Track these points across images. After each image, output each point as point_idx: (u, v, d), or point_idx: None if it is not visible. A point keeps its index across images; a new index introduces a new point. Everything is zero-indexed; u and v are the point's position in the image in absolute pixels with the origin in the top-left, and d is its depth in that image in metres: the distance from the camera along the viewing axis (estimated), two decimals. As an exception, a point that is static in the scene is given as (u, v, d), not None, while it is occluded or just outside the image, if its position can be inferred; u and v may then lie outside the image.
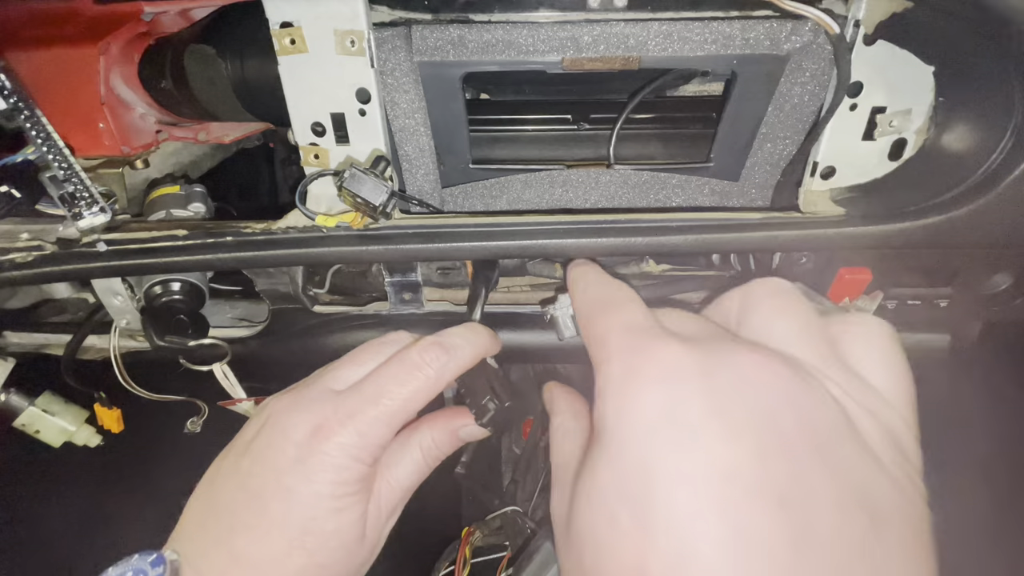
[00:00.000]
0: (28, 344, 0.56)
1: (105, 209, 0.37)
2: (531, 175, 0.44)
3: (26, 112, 0.34)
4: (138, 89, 0.45)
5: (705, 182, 0.43)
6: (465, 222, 0.39)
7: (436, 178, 0.42)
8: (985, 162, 0.34)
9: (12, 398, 0.56)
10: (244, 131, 0.57)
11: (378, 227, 0.38)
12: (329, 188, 0.39)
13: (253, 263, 0.39)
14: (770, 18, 0.35)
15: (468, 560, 0.63)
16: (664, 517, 0.19)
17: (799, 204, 0.40)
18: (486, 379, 0.34)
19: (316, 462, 0.30)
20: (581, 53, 0.36)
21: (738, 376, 0.22)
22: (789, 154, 0.41)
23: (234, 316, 0.55)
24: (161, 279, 0.47)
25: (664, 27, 0.35)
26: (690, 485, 0.19)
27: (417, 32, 0.36)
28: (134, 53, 0.44)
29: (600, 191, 0.44)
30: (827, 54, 0.36)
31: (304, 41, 0.34)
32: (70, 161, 0.36)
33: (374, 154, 0.38)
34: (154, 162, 0.53)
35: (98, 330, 0.53)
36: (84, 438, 0.59)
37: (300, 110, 0.37)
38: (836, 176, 0.39)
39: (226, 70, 0.41)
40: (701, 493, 0.19)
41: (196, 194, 0.50)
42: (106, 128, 0.44)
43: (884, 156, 0.39)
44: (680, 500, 0.19)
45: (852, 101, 0.37)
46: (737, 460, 0.20)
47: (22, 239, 0.41)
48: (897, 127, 0.38)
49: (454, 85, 0.38)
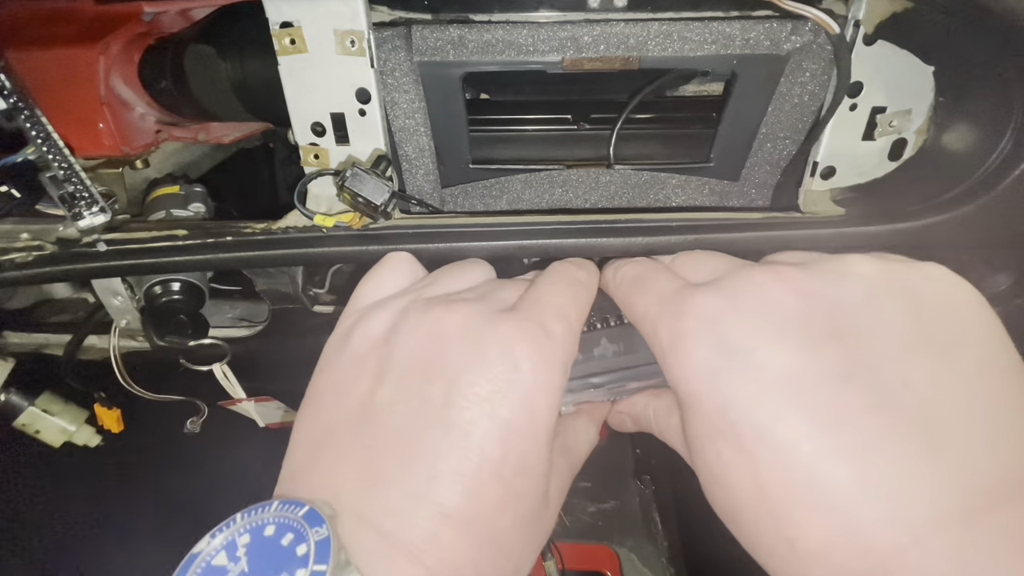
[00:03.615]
0: (28, 344, 0.56)
1: (105, 209, 0.37)
2: (531, 175, 0.44)
3: (26, 112, 0.34)
4: (138, 89, 0.45)
5: (705, 182, 0.43)
6: (465, 222, 0.39)
7: (436, 178, 0.42)
8: (985, 162, 0.34)
9: (12, 398, 0.56)
10: (244, 131, 0.57)
11: (378, 227, 0.38)
12: (328, 188, 0.39)
13: (253, 263, 0.39)
14: (770, 18, 0.35)
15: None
16: (755, 436, 0.21)
17: (799, 204, 0.40)
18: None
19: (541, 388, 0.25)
20: (581, 53, 0.36)
21: (758, 293, 0.24)
22: (789, 154, 0.41)
23: (234, 316, 0.55)
24: (161, 279, 0.47)
25: (664, 27, 0.35)
26: (763, 399, 0.22)
27: (417, 32, 0.36)
28: (134, 53, 0.44)
29: (600, 191, 0.44)
30: (827, 54, 0.36)
31: (304, 41, 0.34)
32: (70, 161, 0.36)
33: (375, 154, 0.38)
34: (154, 162, 0.53)
35: (98, 330, 0.53)
36: (84, 438, 0.59)
37: (300, 110, 0.37)
38: (836, 176, 0.39)
39: (226, 70, 0.41)
40: (775, 401, 0.21)
41: (196, 194, 0.50)
42: (106, 128, 0.44)
43: (884, 156, 0.39)
44: (761, 416, 0.21)
45: (852, 101, 0.37)
46: (791, 360, 0.22)
47: (22, 239, 0.41)
48: (897, 127, 0.38)
49: (454, 85, 0.38)
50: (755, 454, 0.21)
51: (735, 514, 0.23)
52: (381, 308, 0.28)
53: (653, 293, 0.27)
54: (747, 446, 0.22)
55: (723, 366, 0.23)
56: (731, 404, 0.22)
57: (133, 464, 0.88)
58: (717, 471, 0.23)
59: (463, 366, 0.24)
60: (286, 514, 0.21)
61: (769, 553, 0.22)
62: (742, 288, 0.25)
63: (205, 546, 0.21)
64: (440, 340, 0.25)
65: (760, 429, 0.21)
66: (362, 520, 0.21)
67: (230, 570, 0.20)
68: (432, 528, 0.21)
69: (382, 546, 0.21)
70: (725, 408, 0.22)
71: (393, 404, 0.24)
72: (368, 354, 0.26)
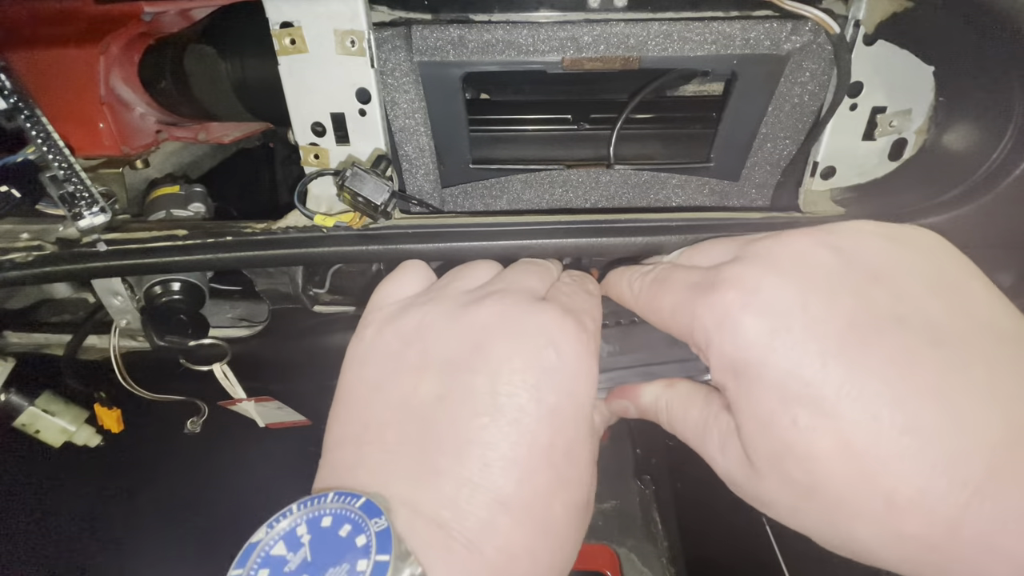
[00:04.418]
0: (28, 344, 0.56)
1: (105, 209, 0.37)
2: (531, 175, 0.44)
3: (26, 112, 0.34)
4: (138, 89, 0.45)
5: (705, 182, 0.43)
6: (465, 222, 0.39)
7: (436, 178, 0.42)
8: (985, 162, 0.35)
9: (12, 398, 0.56)
10: (244, 131, 0.57)
11: (378, 227, 0.38)
12: (329, 188, 0.39)
13: (253, 263, 0.39)
14: (770, 18, 0.35)
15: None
16: (835, 392, 0.21)
17: (799, 204, 0.40)
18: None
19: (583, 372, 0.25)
20: (581, 53, 0.36)
21: (795, 254, 0.24)
22: (789, 154, 0.41)
23: (234, 316, 0.55)
24: (161, 279, 0.47)
25: (664, 27, 0.35)
26: (833, 353, 0.21)
27: (417, 32, 0.36)
28: (134, 53, 0.44)
29: (600, 191, 0.44)
30: (827, 54, 0.36)
31: (304, 41, 0.34)
32: (70, 161, 0.36)
33: (375, 154, 0.38)
34: (154, 162, 0.53)
35: (98, 330, 0.53)
36: (84, 438, 0.59)
37: (300, 110, 0.37)
38: (836, 176, 0.39)
39: (226, 70, 0.41)
40: (846, 352, 0.21)
41: (196, 194, 0.50)
42: (106, 128, 0.44)
43: (884, 156, 0.39)
44: (836, 371, 0.21)
45: (852, 101, 0.37)
46: (847, 308, 0.22)
47: (22, 239, 0.41)
48: (897, 127, 0.38)
49: (454, 85, 0.38)
50: (838, 411, 0.21)
51: (815, 486, 0.21)
52: (410, 306, 0.28)
53: (679, 285, 0.26)
54: (828, 406, 0.21)
55: (781, 328, 0.22)
56: (801, 365, 0.21)
57: (133, 464, 0.88)
58: (793, 441, 0.22)
59: (506, 354, 0.24)
60: (343, 505, 0.20)
61: (858, 516, 0.21)
62: (772, 252, 0.24)
63: (263, 536, 0.20)
64: (480, 330, 0.25)
65: (839, 384, 0.21)
66: (417, 512, 0.21)
67: (290, 560, 0.20)
68: (489, 516, 0.21)
69: (440, 536, 0.21)
70: (795, 371, 0.21)
71: (440, 398, 0.24)
72: (404, 350, 0.26)
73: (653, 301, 0.28)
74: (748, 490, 0.24)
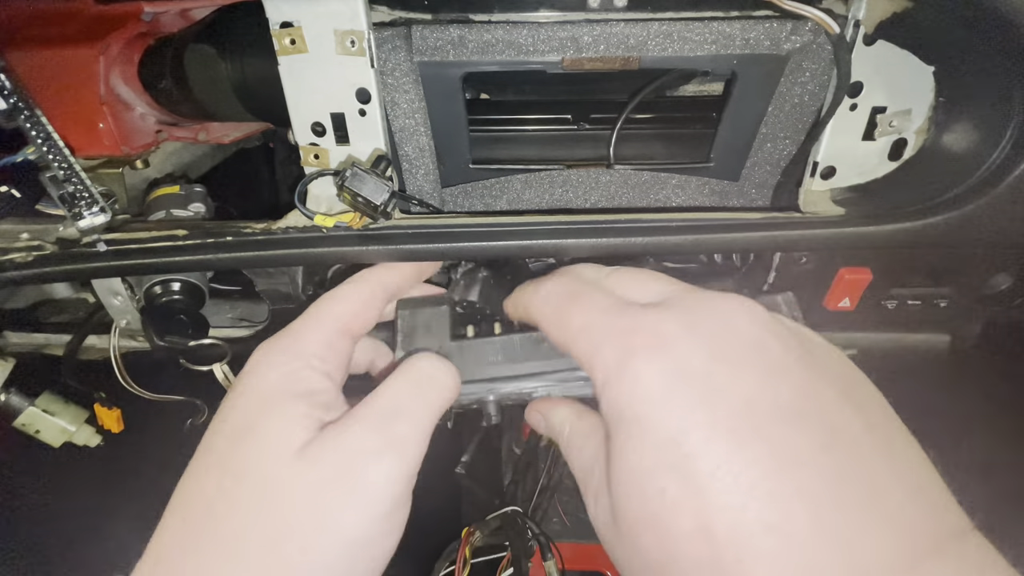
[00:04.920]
0: (28, 344, 0.56)
1: (105, 209, 0.37)
2: (531, 175, 0.44)
3: (26, 112, 0.34)
4: (138, 89, 0.45)
5: (705, 182, 0.43)
6: (465, 222, 0.39)
7: (436, 178, 0.42)
8: (985, 162, 0.34)
9: (12, 398, 0.55)
10: (244, 131, 0.57)
11: (378, 227, 0.38)
12: (329, 188, 0.39)
13: (253, 263, 0.39)
14: (770, 18, 0.35)
15: (468, 560, 0.63)
16: (709, 470, 0.20)
17: (799, 204, 0.40)
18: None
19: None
20: (581, 53, 0.36)
21: (720, 321, 0.23)
22: (789, 154, 0.41)
23: (234, 316, 0.55)
24: (161, 279, 0.47)
25: (664, 27, 0.35)
26: (722, 429, 0.20)
27: (417, 32, 0.36)
28: (134, 53, 0.44)
29: (600, 191, 0.44)
30: (827, 54, 0.36)
31: (304, 41, 0.34)
32: (70, 161, 0.36)
33: (375, 154, 0.38)
34: (154, 162, 0.53)
35: (98, 330, 0.53)
36: (84, 438, 0.59)
37: (300, 110, 0.37)
38: (836, 176, 0.39)
39: (226, 70, 0.41)
40: (735, 433, 0.20)
41: (196, 194, 0.50)
42: (106, 128, 0.44)
43: (884, 156, 0.39)
44: (719, 448, 0.20)
45: (852, 101, 0.36)
46: (750, 390, 0.21)
47: (22, 239, 0.40)
48: (897, 127, 0.38)
49: (454, 85, 0.38)
50: (707, 491, 0.19)
51: (666, 564, 0.21)
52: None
53: (594, 309, 0.25)
54: (700, 482, 0.20)
55: (678, 390, 0.21)
56: (685, 432, 0.20)
57: (133, 464, 0.88)
58: (655, 510, 0.21)
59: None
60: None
61: None
62: (699, 310, 0.24)
63: None
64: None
65: (717, 463, 0.20)
66: None
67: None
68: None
69: None
70: (677, 437, 0.20)
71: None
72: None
73: (559, 314, 0.27)
74: (607, 547, 0.24)
